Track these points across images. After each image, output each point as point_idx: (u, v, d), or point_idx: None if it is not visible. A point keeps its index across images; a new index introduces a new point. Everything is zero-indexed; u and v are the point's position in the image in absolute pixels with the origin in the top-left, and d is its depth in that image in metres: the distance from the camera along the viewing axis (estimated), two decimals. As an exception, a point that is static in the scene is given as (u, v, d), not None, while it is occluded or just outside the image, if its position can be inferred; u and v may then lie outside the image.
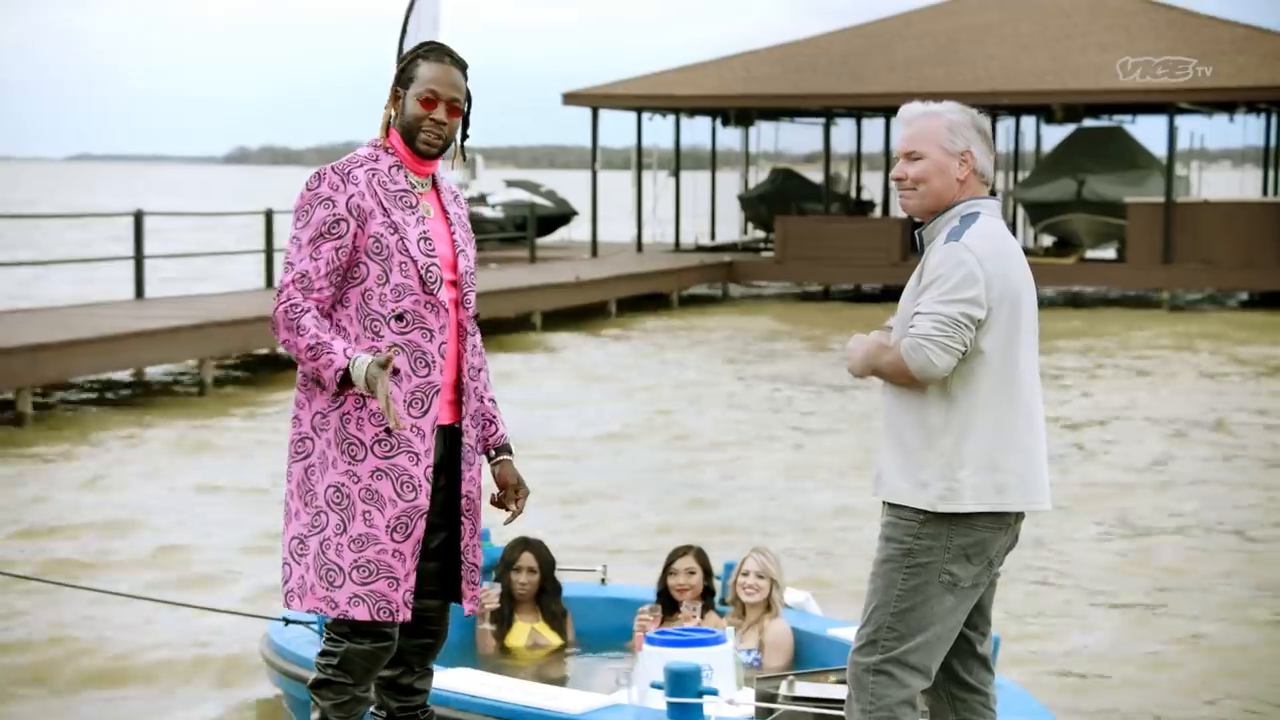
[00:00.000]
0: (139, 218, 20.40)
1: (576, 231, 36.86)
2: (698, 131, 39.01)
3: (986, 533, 4.31)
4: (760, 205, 35.40)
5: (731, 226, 37.00)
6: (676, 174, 35.18)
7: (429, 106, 4.36)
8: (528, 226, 30.75)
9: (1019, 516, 4.40)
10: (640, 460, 13.25)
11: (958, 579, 4.30)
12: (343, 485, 4.28)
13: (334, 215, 4.27)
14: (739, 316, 26.58)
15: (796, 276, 30.75)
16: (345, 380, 4.20)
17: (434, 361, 4.34)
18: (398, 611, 4.30)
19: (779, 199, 34.51)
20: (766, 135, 40.08)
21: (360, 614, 4.28)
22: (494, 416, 4.59)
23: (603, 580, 7.28)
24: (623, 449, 13.80)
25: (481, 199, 35.36)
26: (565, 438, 14.25)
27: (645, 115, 33.90)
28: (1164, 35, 31.03)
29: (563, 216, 37.03)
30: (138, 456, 13.20)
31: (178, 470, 12.55)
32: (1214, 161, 60.04)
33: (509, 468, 4.60)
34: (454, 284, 4.44)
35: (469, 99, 4.45)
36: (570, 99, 32.78)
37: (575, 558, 8.37)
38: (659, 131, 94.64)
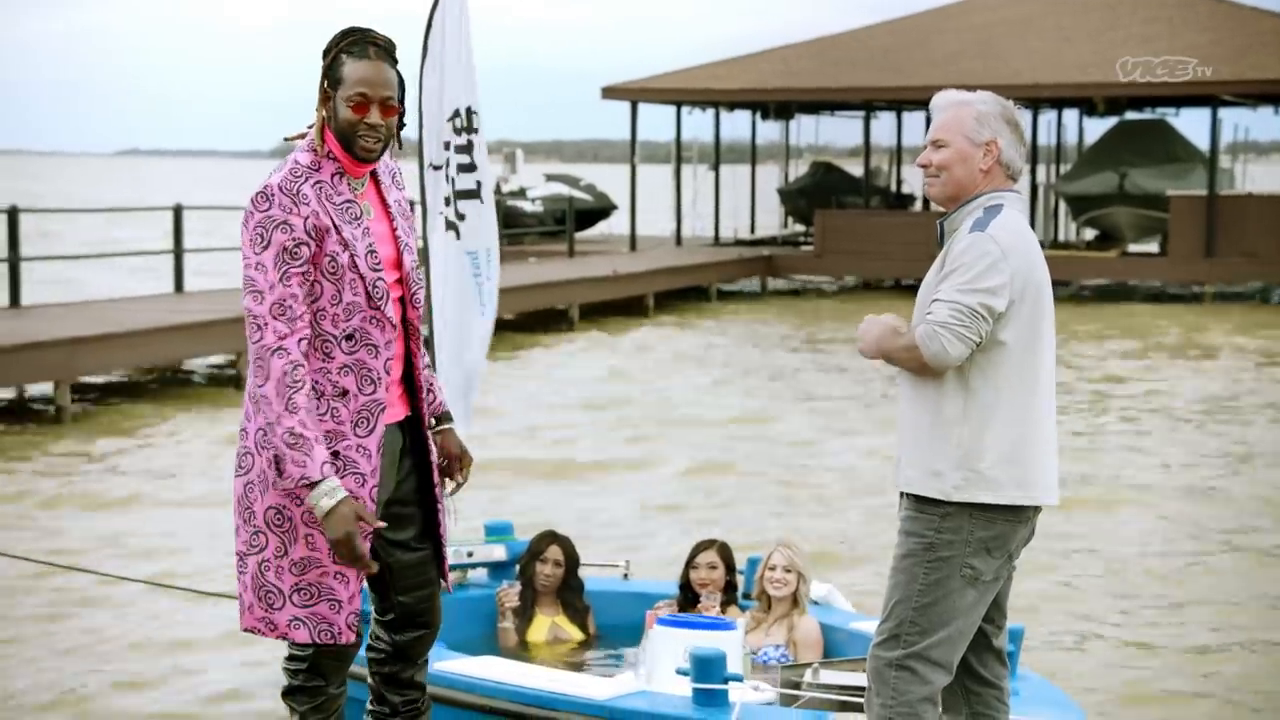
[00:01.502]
0: (178, 212, 20.52)
1: (616, 225, 36.88)
2: (738, 125, 38.96)
3: (1006, 526, 4.29)
4: (800, 199, 35.33)
5: (771, 220, 36.94)
6: (716, 167, 35.13)
7: (361, 111, 4.12)
8: (566, 220, 30.77)
9: (1037, 509, 4.37)
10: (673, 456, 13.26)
11: (979, 573, 4.28)
12: (284, 508, 4.13)
13: (294, 240, 4.06)
14: (777, 309, 26.53)
15: (836, 270, 30.66)
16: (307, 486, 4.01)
17: (379, 378, 4.18)
18: (340, 634, 4.18)
19: (819, 192, 34.45)
20: (807, 129, 40.07)
21: (300, 637, 4.17)
22: (431, 384, 4.44)
23: (625, 575, 7.28)
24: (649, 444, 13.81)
25: (521, 193, 35.41)
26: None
27: (685, 109, 33.86)
28: (1206, 27, 30.77)
29: (602, 210, 37.03)
30: (175, 449, 13.28)
31: (214, 462, 12.62)
32: (1265, 154, 59.54)
33: (451, 437, 4.49)
34: (399, 282, 4.26)
35: (402, 86, 4.23)
36: (609, 93, 32.78)
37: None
38: (699, 125, 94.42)
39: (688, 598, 6.68)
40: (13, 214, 18.11)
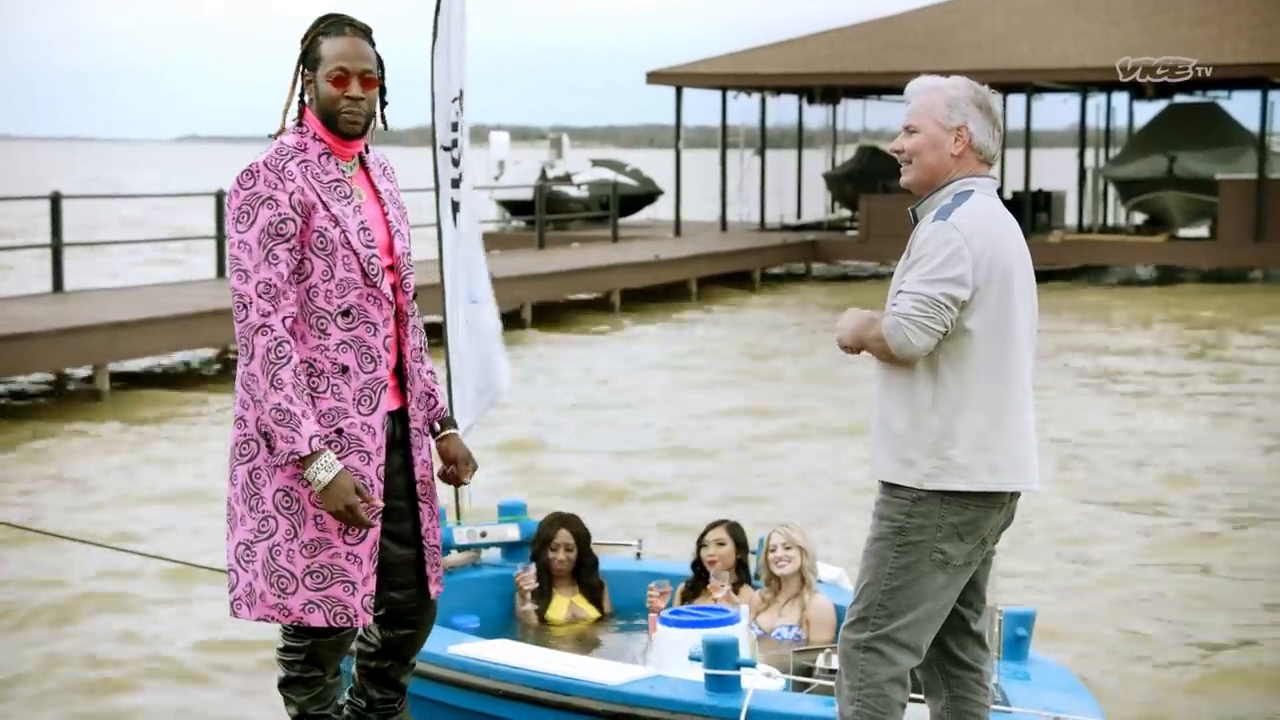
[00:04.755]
0: (220, 197, 20.67)
1: (662, 211, 36.87)
2: (784, 110, 38.79)
3: (979, 511, 4.29)
4: (846, 184, 35.20)
5: (817, 205, 36.83)
6: (762, 152, 35.03)
7: (342, 84, 4.18)
8: (610, 206, 30.77)
9: (1014, 495, 4.36)
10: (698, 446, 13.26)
11: (949, 557, 4.28)
12: (291, 489, 4.11)
13: (279, 215, 4.08)
14: (818, 296, 26.47)
15: (881, 255, 30.53)
16: (299, 462, 4.03)
17: (379, 356, 4.18)
18: (356, 616, 4.15)
19: (865, 177, 34.29)
20: (854, 113, 39.88)
21: (316, 620, 4.13)
22: (433, 389, 4.42)
23: (638, 555, 7.32)
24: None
25: (567, 178, 35.44)
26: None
27: (731, 94, 33.78)
28: (1259, 9, 30.43)
29: (648, 195, 37.01)
30: (216, 433, 13.38)
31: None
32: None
33: (456, 442, 4.45)
34: (391, 268, 4.26)
35: (381, 65, 4.28)
36: (654, 78, 32.73)
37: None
38: (746, 110, 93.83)
39: (699, 575, 6.72)
40: (55, 200, 18.30)
